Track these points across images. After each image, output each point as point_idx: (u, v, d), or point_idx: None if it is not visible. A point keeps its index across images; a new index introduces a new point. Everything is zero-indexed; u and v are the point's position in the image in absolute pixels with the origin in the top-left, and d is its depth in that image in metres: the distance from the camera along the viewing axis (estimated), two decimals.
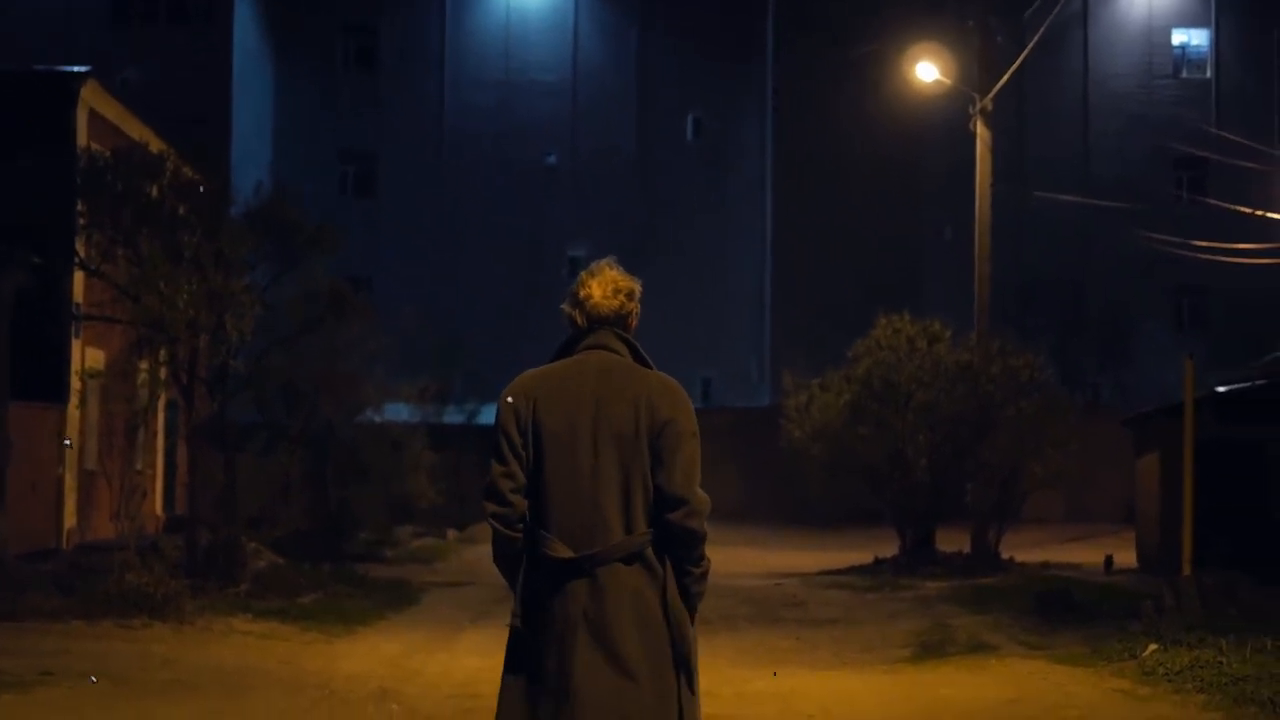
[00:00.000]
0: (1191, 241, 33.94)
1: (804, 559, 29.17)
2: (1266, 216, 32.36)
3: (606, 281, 5.29)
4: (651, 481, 5.07)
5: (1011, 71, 29.41)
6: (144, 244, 20.51)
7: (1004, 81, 29.22)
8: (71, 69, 25.99)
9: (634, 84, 50.86)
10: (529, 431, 5.12)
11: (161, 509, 29.71)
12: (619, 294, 5.27)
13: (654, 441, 5.07)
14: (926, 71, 30.89)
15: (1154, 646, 14.50)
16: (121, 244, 20.93)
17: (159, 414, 27.13)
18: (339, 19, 50.83)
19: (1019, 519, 28.94)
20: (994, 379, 27.67)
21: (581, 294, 5.28)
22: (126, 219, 20.79)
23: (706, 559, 5.19)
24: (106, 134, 25.53)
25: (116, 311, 21.89)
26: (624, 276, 5.32)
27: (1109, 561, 26.69)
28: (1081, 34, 49.43)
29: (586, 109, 50.60)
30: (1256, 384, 24.35)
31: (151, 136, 25.32)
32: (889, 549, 28.20)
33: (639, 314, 5.33)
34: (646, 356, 5.26)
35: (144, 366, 21.51)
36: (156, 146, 22.85)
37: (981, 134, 29.15)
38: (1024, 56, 30.12)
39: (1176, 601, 17.06)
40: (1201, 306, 48.42)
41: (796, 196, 48.09)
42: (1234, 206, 33.10)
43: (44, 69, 27.77)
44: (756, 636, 17.85)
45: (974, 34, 30.87)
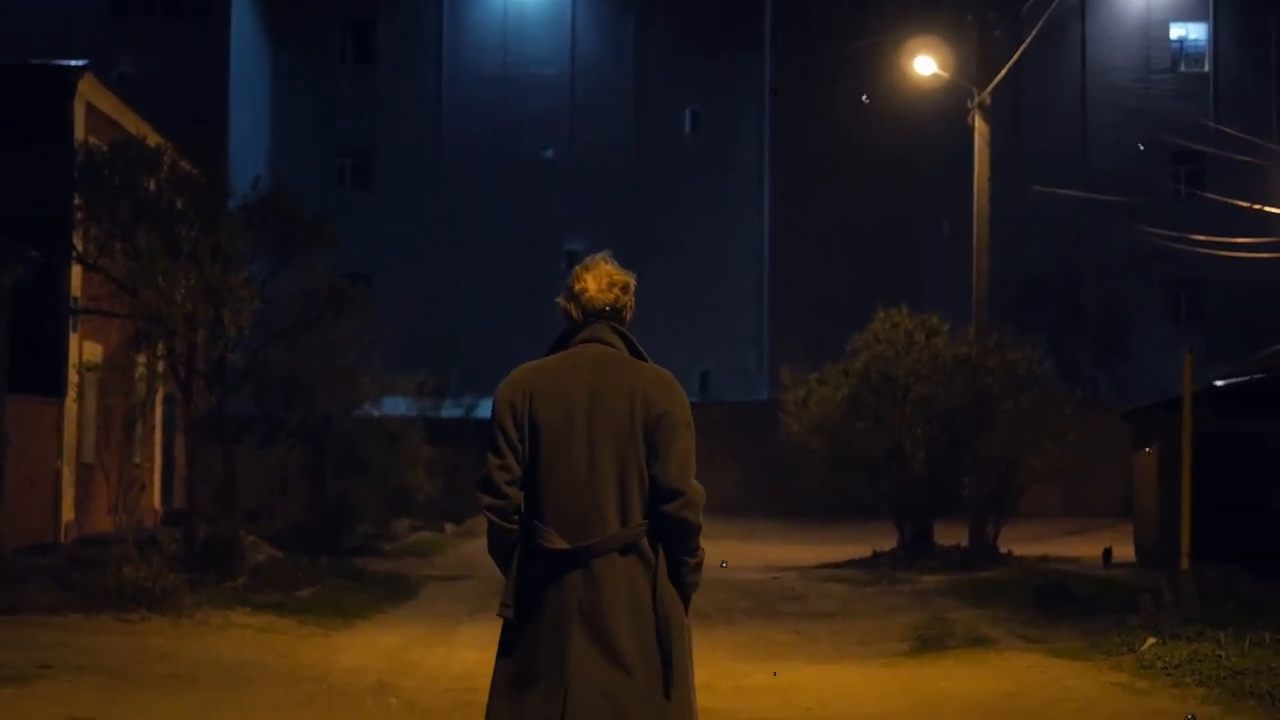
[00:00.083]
0: (1189, 235, 33.93)
1: (802, 552, 29.16)
2: (1264, 210, 32.36)
3: (601, 275, 5.32)
4: (647, 473, 5.10)
5: (1010, 66, 29.37)
6: (142, 238, 20.49)
7: (1002, 76, 29.20)
8: (69, 63, 25.98)
9: (631, 78, 50.81)
10: (525, 424, 5.14)
11: (160, 502, 29.72)
12: (614, 288, 5.31)
13: (649, 434, 5.10)
14: (925, 66, 30.88)
15: (1152, 640, 14.50)
16: (119, 238, 20.91)
17: (157, 408, 27.15)
18: (337, 13, 50.80)
19: (1017, 513, 28.92)
20: (992, 372, 27.66)
21: (577, 288, 5.31)
22: (124, 213, 20.76)
23: (701, 549, 5.23)
24: (104, 128, 25.51)
25: (114, 305, 21.88)
26: (618, 270, 5.35)
27: (1107, 555, 26.69)
28: (1079, 28, 49.41)
29: (584, 103, 50.55)
30: (1255, 378, 24.35)
31: (149, 130, 25.28)
32: (887, 543, 28.19)
33: (634, 307, 5.37)
34: (642, 349, 5.29)
35: (142, 360, 21.49)
36: (154, 140, 22.82)
37: (979, 128, 29.14)
38: (1022, 50, 30.07)
39: (1175, 595, 17.05)
40: (1199, 300, 48.44)
41: (794, 190, 48.07)
42: (1232, 200, 33.08)
43: (41, 63, 27.75)
44: (754, 630, 17.84)
45: (972, 28, 30.82)
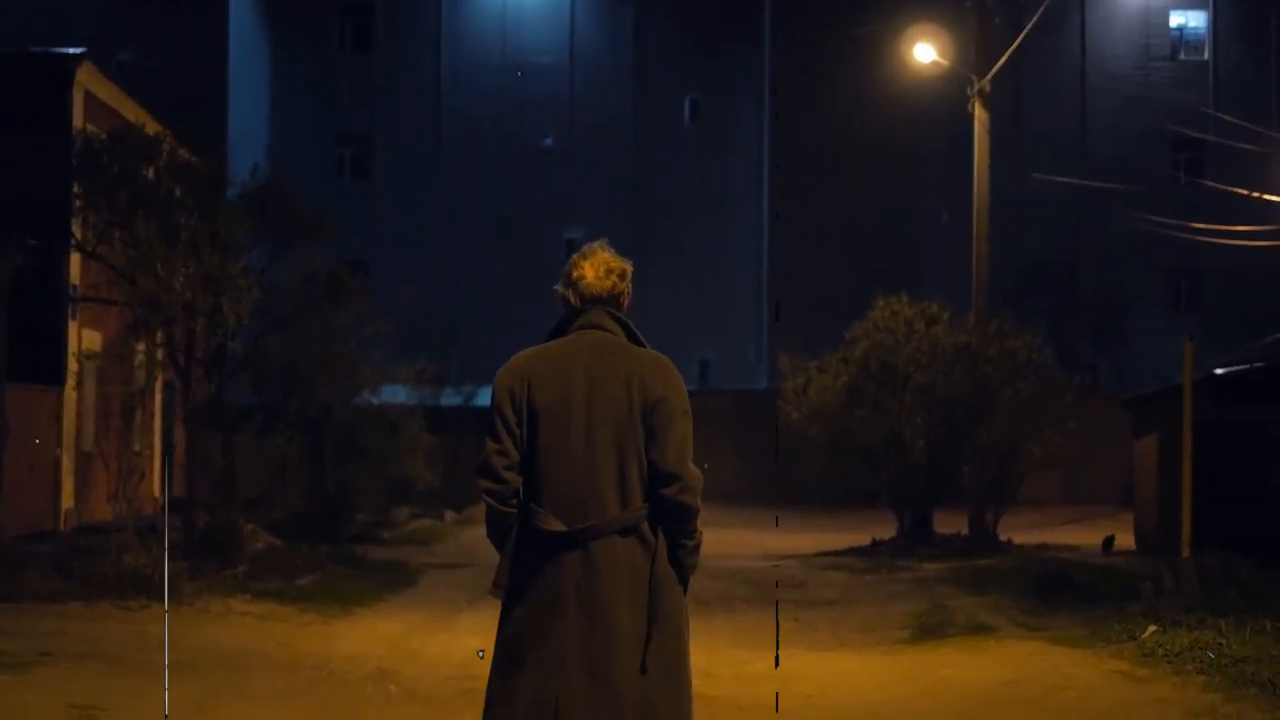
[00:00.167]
0: (1189, 223, 33.88)
1: (801, 540, 29.15)
2: (1264, 198, 32.30)
3: (599, 262, 5.37)
4: (646, 458, 5.12)
5: (1009, 53, 29.34)
6: (140, 226, 20.46)
7: (1002, 63, 29.16)
8: (67, 50, 25.90)
9: (630, 66, 50.75)
10: (523, 410, 5.18)
11: (159, 490, 29.70)
12: (611, 274, 5.36)
13: (647, 419, 5.15)
14: (924, 53, 30.83)
15: (1153, 628, 14.49)
16: (118, 226, 20.89)
17: (156, 396, 27.11)
18: (336, 1, 50.73)
19: (1017, 500, 28.90)
20: (992, 360, 27.62)
21: (574, 275, 5.37)
22: (123, 201, 20.74)
23: (699, 532, 5.31)
24: (102, 116, 25.46)
25: (113, 293, 21.86)
26: (615, 257, 5.40)
27: (1108, 543, 26.67)
28: (1079, 16, 49.34)
29: (583, 91, 50.50)
30: (1255, 366, 24.32)
31: (147, 118, 25.23)
32: (887, 531, 28.18)
33: (631, 294, 5.42)
34: (639, 335, 5.32)
35: (141, 348, 21.47)
36: (153, 128, 22.77)
37: (979, 116, 29.09)
38: (1022, 38, 30.01)
39: (1175, 583, 17.04)
40: (1198, 288, 48.41)
41: (794, 179, 47.99)
42: (1231, 188, 33.03)
43: (39, 50, 27.65)
44: (754, 618, 17.83)
45: (971, 15, 30.75)
